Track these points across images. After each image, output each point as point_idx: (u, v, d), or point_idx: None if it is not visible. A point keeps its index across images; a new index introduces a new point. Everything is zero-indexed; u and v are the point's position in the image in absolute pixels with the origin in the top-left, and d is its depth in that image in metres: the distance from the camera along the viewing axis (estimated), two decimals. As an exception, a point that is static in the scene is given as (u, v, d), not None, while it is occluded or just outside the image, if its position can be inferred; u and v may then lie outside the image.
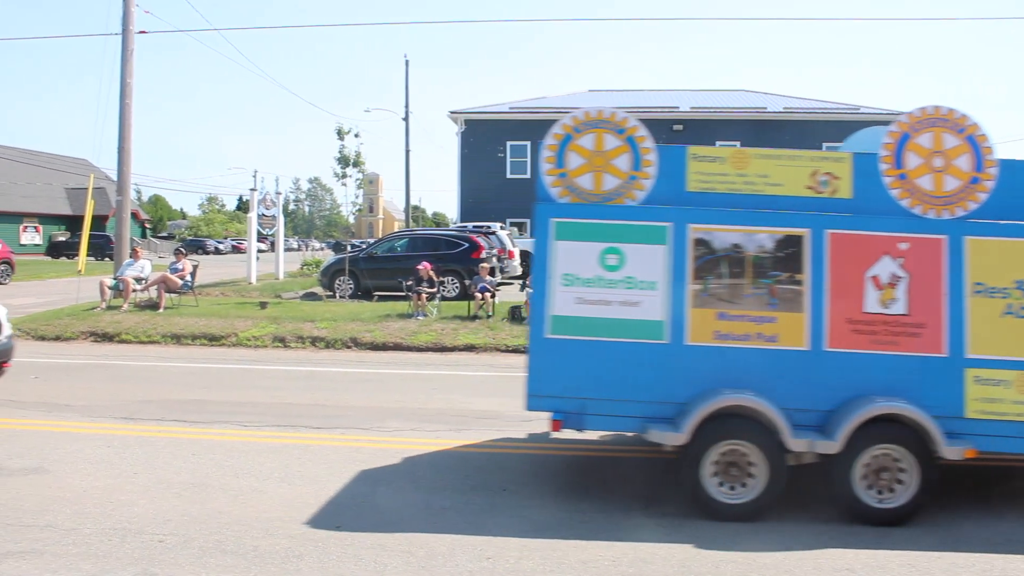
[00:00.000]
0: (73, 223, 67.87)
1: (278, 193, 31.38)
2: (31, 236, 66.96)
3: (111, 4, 77.32)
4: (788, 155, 6.87)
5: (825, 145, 34.67)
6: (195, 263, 21.60)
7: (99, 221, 53.00)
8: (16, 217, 65.45)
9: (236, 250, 78.77)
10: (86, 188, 22.41)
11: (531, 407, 6.74)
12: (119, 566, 5.36)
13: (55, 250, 60.57)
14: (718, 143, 38.90)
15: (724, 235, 6.63)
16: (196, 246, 74.76)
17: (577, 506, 6.65)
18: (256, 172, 76.16)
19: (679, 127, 39.84)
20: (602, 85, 72.17)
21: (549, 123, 7.48)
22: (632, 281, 6.59)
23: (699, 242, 6.62)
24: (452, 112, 42.20)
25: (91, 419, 9.42)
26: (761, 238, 6.62)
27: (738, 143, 37.98)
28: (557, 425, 6.63)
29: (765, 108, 39.98)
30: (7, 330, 9.64)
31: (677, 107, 41.09)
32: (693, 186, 6.80)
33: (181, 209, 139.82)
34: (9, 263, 33.11)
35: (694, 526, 6.23)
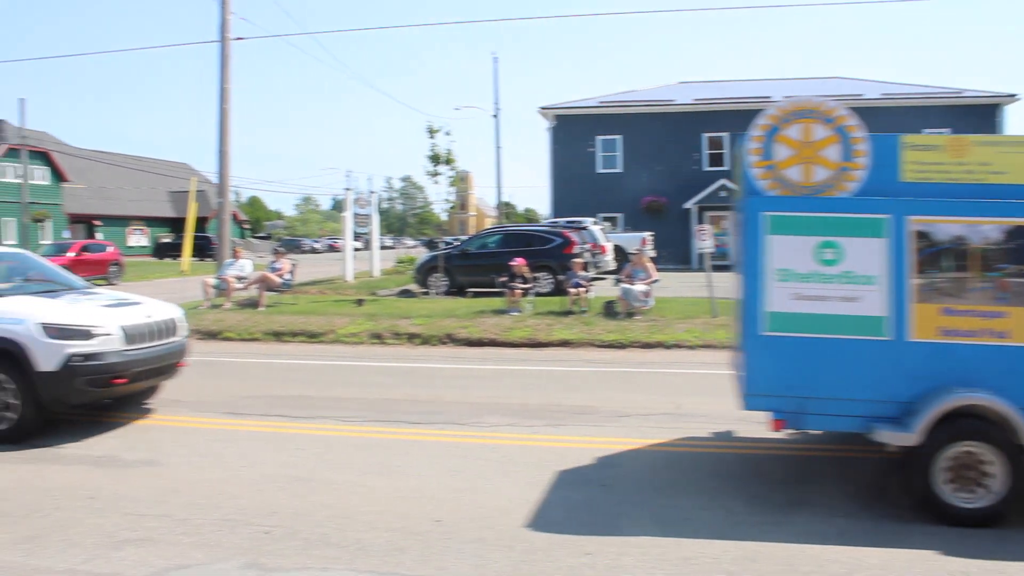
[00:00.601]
0: (176, 225, 70.16)
1: (372, 192, 31.88)
2: (138, 238, 69.52)
3: (209, 12, 79.60)
4: (1012, 142, 6.59)
5: (925, 131, 33.55)
6: (293, 262, 22.09)
7: (200, 222, 54.66)
8: (124, 220, 68.07)
9: (331, 249, 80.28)
10: (188, 191, 23.09)
11: (749, 407, 6.61)
12: (228, 555, 5.52)
13: (160, 251, 62.73)
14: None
15: (946, 227, 6.34)
16: (293, 245, 76.41)
17: (677, 502, 6.57)
18: (350, 172, 77.63)
19: (773, 118, 39.01)
20: (693, 77, 71.22)
21: (639, 117, 7.34)
22: (850, 276, 6.38)
23: (919, 235, 6.34)
24: (542, 108, 42.22)
25: (199, 414, 9.72)
26: (987, 229, 6.30)
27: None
28: (779, 425, 6.48)
29: (861, 95, 38.86)
30: (184, 331, 10.03)
31: (770, 97, 40.23)
32: (908, 176, 6.49)
33: (278, 210, 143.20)
34: (119, 264, 34.60)
35: (829, 524, 6.10)
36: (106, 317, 8.92)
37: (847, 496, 6.67)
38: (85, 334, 8.58)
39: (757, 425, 8.82)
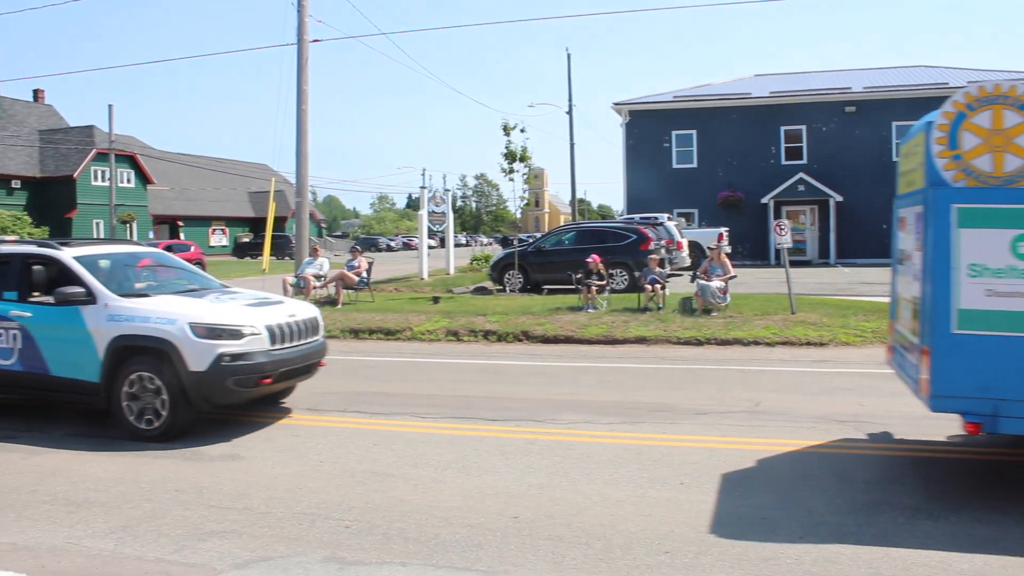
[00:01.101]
0: (255, 224, 71.70)
1: (447, 190, 32.08)
2: (219, 238, 71.14)
3: (287, 16, 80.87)
4: None
5: None
6: (370, 260, 22.35)
7: (279, 222, 55.67)
8: (206, 221, 69.71)
9: (407, 247, 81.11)
10: (267, 192, 23.52)
11: (936, 408, 6.31)
12: (309, 549, 5.61)
13: (240, 250, 64.16)
14: (895, 124, 37.13)
15: None
16: (369, 244, 77.41)
17: (756, 501, 6.46)
18: (424, 170, 78.15)
19: (852, 108, 38.23)
20: (768, 69, 70.07)
21: (714, 111, 7.13)
22: None
23: None
24: (615, 104, 42.00)
25: (279, 410, 9.90)
26: None
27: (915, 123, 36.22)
28: (975, 428, 6.13)
29: (947, 83, 37.68)
30: (322, 331, 10.10)
31: (849, 88, 39.41)
32: None
33: (354, 208, 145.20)
34: (202, 264, 35.51)
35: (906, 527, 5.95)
36: (253, 316, 8.94)
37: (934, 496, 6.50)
38: (235, 334, 8.60)
39: (840, 424, 8.68)
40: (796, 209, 38.94)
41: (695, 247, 28.46)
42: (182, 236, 60.52)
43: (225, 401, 8.94)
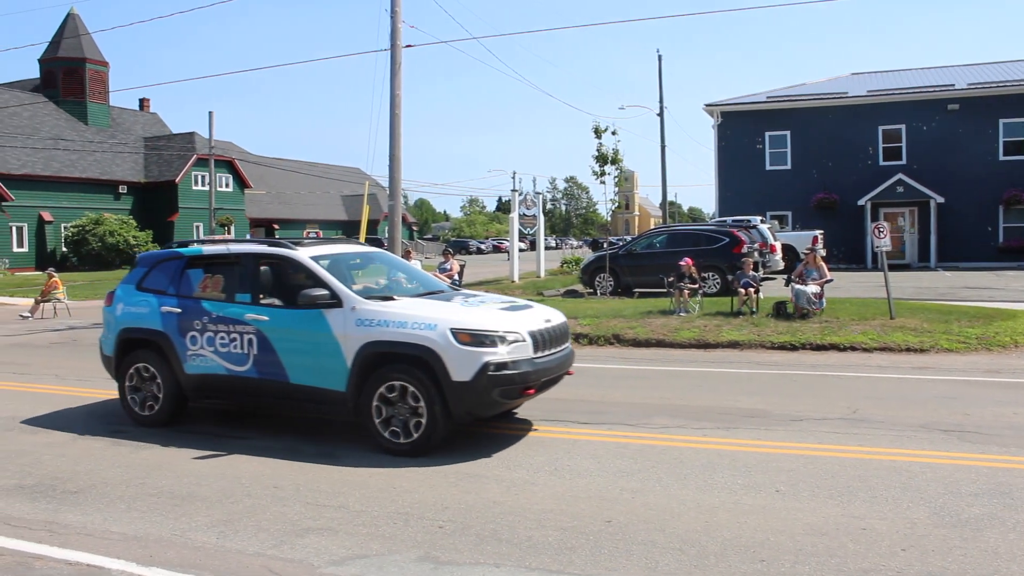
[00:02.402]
0: (348, 227, 72.99)
1: (537, 193, 32.16)
2: (313, 241, 72.43)
3: (379, 22, 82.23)
4: None
5: None
6: (462, 262, 22.52)
7: (371, 225, 56.55)
8: (300, 224, 71.26)
9: (496, 250, 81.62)
10: (359, 195, 23.91)
11: None
12: (404, 548, 5.68)
13: (334, 253, 65.19)
14: (1002, 122, 35.84)
15: None
16: (460, 246, 78.13)
17: (853, 511, 6.31)
18: (515, 173, 78.42)
19: (954, 107, 36.95)
20: (864, 67, 68.35)
21: (809, 111, 6.90)
22: None
23: None
24: (707, 105, 41.49)
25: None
26: None
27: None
28: None
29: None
30: (569, 339, 9.45)
31: (952, 85, 38.14)
32: None
33: (444, 211, 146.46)
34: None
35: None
36: (515, 322, 8.29)
37: None
38: (499, 340, 7.93)
39: (944, 434, 8.41)
40: (894, 211, 37.87)
41: (789, 250, 27.93)
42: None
43: (488, 413, 8.33)
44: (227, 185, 59.18)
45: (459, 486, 7.04)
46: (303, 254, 8.92)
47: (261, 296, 8.87)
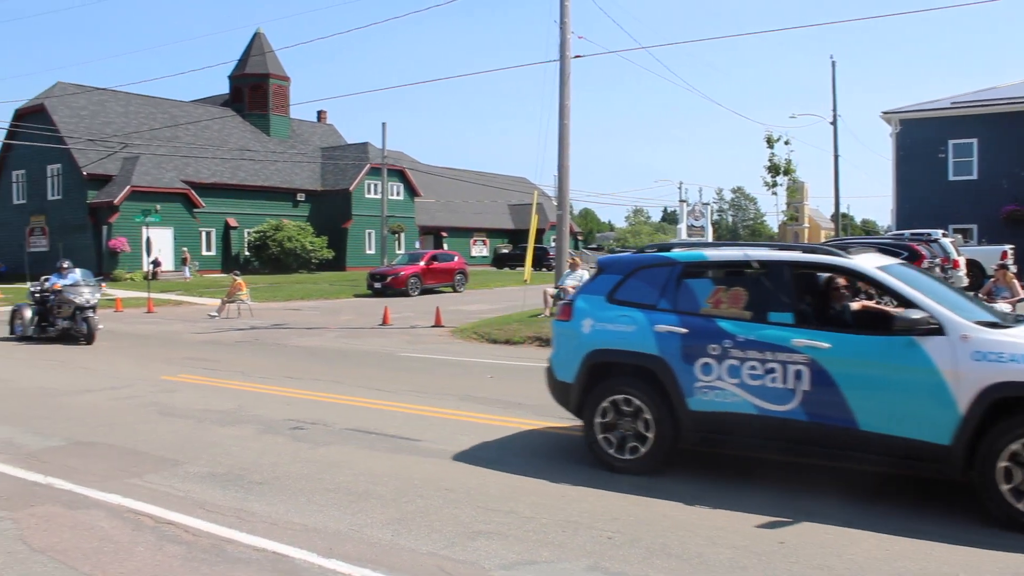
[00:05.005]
0: (513, 236, 73.96)
1: (705, 204, 31.74)
2: (479, 249, 73.96)
3: (548, 34, 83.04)
4: None
5: None
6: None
7: (537, 234, 57.02)
8: (467, 232, 72.73)
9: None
10: (527, 204, 24.22)
11: None
12: (573, 556, 5.70)
13: (499, 261, 66.40)
14: None
15: None
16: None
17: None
18: (681, 183, 77.48)
19: None
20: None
21: (1000, 117, 6.22)
22: None
23: None
24: (885, 112, 39.76)
25: (541, 417, 10.13)
26: None
27: None
28: None
29: None
30: None
31: None
32: None
33: (608, 221, 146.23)
34: (464, 273, 37.25)
35: None
36: None
37: None
38: None
39: None
40: (1094, 225, 35.25)
41: (974, 266, 26.39)
42: (445, 246, 63.48)
43: None
44: (398, 193, 61.04)
45: (628, 497, 7.00)
46: (868, 264, 7.23)
47: (811, 317, 7.29)
